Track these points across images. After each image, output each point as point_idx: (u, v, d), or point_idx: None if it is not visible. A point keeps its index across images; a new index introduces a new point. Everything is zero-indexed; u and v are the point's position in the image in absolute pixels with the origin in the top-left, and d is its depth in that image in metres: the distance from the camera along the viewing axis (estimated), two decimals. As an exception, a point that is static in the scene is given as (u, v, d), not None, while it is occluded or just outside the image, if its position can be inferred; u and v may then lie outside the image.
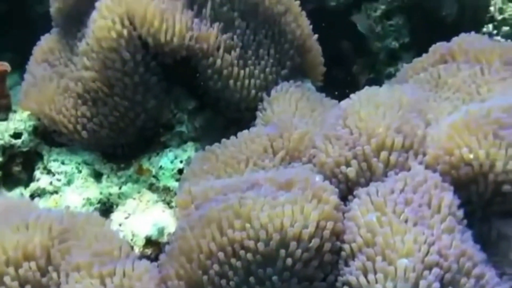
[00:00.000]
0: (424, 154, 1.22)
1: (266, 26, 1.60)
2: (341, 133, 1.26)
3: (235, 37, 1.57)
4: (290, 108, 1.50)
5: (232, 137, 1.44)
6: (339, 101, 2.08)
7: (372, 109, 1.28)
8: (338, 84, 2.17)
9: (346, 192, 1.24)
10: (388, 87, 1.40)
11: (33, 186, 1.58)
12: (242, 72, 1.55)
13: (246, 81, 1.55)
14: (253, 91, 1.56)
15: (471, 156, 1.14)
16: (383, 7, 2.04)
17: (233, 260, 1.11)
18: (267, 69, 1.59)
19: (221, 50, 1.53)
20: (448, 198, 1.10)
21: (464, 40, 1.52)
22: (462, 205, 1.13)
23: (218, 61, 1.53)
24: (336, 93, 1.91)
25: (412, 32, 2.02)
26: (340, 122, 1.29)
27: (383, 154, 1.20)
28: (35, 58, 1.71)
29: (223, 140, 1.44)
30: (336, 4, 2.05)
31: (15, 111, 1.66)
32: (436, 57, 1.54)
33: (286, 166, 1.35)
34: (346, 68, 2.14)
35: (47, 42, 1.71)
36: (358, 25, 2.00)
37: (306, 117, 1.47)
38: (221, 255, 1.12)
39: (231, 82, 1.54)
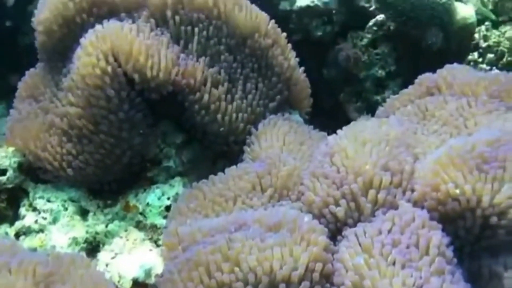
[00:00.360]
0: (413, 191, 1.22)
1: (253, 59, 1.60)
2: (328, 171, 1.25)
3: (222, 71, 1.57)
4: (278, 142, 1.50)
5: (220, 174, 1.43)
6: (327, 130, 2.10)
7: (359, 146, 1.28)
8: (325, 113, 2.18)
9: (335, 231, 1.23)
10: (375, 121, 1.40)
11: (18, 224, 1.55)
12: (229, 106, 1.55)
13: (234, 115, 1.55)
14: (241, 125, 1.55)
15: (457, 191, 1.14)
16: (369, 36, 2.05)
17: (222, 303, 1.10)
18: (255, 103, 1.58)
19: (208, 85, 1.53)
20: (436, 237, 1.09)
21: (450, 72, 1.53)
22: (451, 241, 1.13)
23: (205, 96, 1.52)
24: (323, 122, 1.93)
25: (398, 60, 2.03)
26: (327, 159, 1.28)
27: (371, 193, 1.19)
28: (20, 94, 1.69)
29: (211, 176, 1.43)
30: (322, 34, 2.05)
31: (0, 146, 1.64)
32: (422, 89, 1.55)
33: (274, 204, 1.34)
34: (333, 96, 2.14)
35: (32, 77, 1.69)
36: (339, 59, 2.01)
37: (294, 152, 1.46)
38: (210, 298, 1.10)
39: (219, 116, 1.53)
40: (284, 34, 1.67)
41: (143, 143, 1.57)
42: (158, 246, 1.48)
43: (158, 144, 1.60)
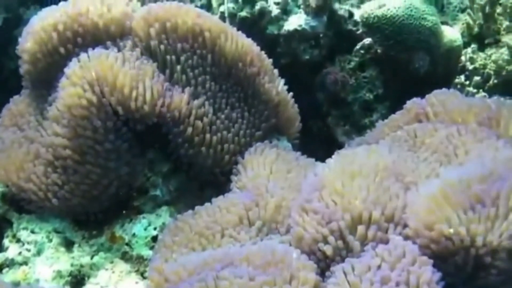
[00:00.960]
0: (404, 225, 1.19)
1: (239, 88, 1.59)
2: (317, 206, 1.22)
3: (206, 102, 1.56)
4: (265, 171, 1.48)
5: (207, 205, 1.41)
6: (316, 153, 2.09)
7: (348, 180, 1.25)
8: (314, 136, 2.17)
9: (325, 267, 1.20)
10: (364, 150, 1.37)
11: (1, 256, 1.52)
12: (214, 137, 1.53)
13: (219, 147, 1.53)
14: (226, 156, 1.54)
15: (451, 231, 1.12)
16: (356, 59, 2.05)
17: None
18: (241, 132, 1.57)
19: (192, 117, 1.51)
20: (427, 274, 1.07)
21: (438, 98, 1.52)
22: (442, 278, 1.11)
23: (189, 129, 1.51)
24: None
25: (385, 83, 2.03)
26: (316, 194, 1.25)
27: (360, 229, 1.17)
28: (4, 122, 1.67)
29: (197, 208, 1.41)
30: (309, 57, 2.05)
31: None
32: (411, 116, 1.54)
33: (263, 238, 1.32)
34: (322, 119, 2.13)
35: (16, 105, 1.67)
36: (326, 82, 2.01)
37: (282, 180, 1.44)
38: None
39: (203, 149, 1.52)
40: (270, 60, 1.67)
41: (130, 173, 1.55)
42: (144, 278, 1.46)
43: (145, 173, 1.58)
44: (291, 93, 1.71)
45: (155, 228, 1.52)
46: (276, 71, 1.69)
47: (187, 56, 1.55)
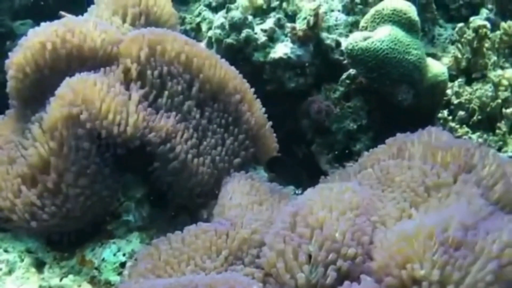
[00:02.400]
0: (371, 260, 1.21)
1: (221, 114, 1.63)
2: (293, 235, 1.23)
3: (189, 127, 1.59)
4: (239, 202, 1.49)
5: (177, 232, 1.41)
6: (300, 179, 2.09)
7: (327, 213, 1.26)
8: (299, 162, 2.18)
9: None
10: (339, 187, 1.38)
11: (-28, 274, 1.54)
12: (195, 161, 1.56)
13: (200, 170, 1.57)
14: (205, 179, 1.57)
15: (422, 273, 1.11)
16: (342, 88, 2.06)
17: None
18: (219, 158, 1.60)
19: (174, 141, 1.54)
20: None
21: (420, 137, 1.50)
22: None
23: (171, 153, 1.54)
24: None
25: (369, 114, 2.04)
26: (293, 223, 1.27)
27: (335, 262, 1.19)
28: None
29: (169, 235, 1.41)
30: (295, 85, 2.06)
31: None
32: (393, 151, 1.53)
33: (227, 268, 1.33)
34: (306, 146, 2.14)
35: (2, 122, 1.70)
36: (311, 111, 2.02)
37: (254, 212, 1.45)
38: None
39: (183, 173, 1.55)
40: (253, 89, 1.68)
41: (108, 197, 1.57)
42: (114, 301, 1.47)
43: (118, 197, 1.60)
44: (270, 123, 1.72)
45: (124, 254, 1.53)
46: (258, 100, 1.70)
47: (173, 81, 1.59)
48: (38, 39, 1.58)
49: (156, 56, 1.60)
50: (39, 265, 1.56)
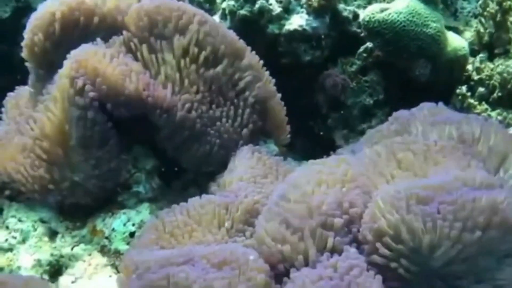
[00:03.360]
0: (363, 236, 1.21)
1: (227, 89, 1.60)
2: (281, 211, 1.24)
3: (194, 99, 1.57)
4: (245, 175, 1.48)
5: (182, 204, 1.43)
6: (315, 155, 2.08)
7: (315, 187, 1.26)
8: (314, 137, 2.16)
9: (285, 272, 1.22)
10: (335, 160, 1.38)
11: (-11, 242, 1.59)
12: (200, 132, 1.55)
13: (204, 147, 1.56)
14: (210, 156, 1.56)
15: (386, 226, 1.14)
16: (359, 62, 2.02)
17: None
18: (227, 131, 1.58)
19: (177, 112, 1.53)
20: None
21: (424, 112, 1.49)
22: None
23: (174, 124, 1.53)
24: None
25: (386, 89, 2.00)
26: (282, 200, 1.27)
27: (320, 235, 1.19)
28: (5, 112, 1.73)
29: (173, 206, 1.43)
30: (310, 58, 2.03)
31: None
32: (396, 127, 1.52)
33: (228, 241, 1.34)
34: (322, 121, 2.12)
35: (15, 97, 1.73)
36: (326, 85, 1.99)
37: (259, 186, 1.45)
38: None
39: (189, 144, 1.55)
40: (262, 62, 1.66)
41: (116, 169, 1.59)
42: (119, 272, 1.49)
43: (128, 169, 1.62)
44: (279, 95, 1.69)
45: (133, 224, 1.55)
46: (267, 72, 1.68)
47: (177, 52, 1.57)
48: (47, 9, 1.60)
49: (160, 27, 1.58)
50: (52, 235, 1.59)
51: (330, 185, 1.27)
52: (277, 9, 1.99)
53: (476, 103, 1.90)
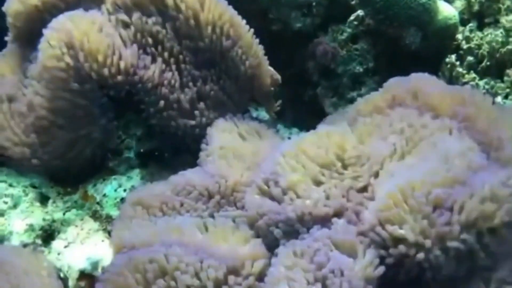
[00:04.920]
0: (355, 212, 1.20)
1: (212, 61, 1.58)
2: (273, 189, 1.24)
3: (179, 74, 1.56)
4: (231, 145, 1.49)
5: (171, 177, 1.43)
6: (305, 122, 2.09)
7: (306, 161, 1.26)
8: (304, 104, 2.17)
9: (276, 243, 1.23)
10: (326, 131, 1.38)
11: (-20, 207, 1.60)
12: (185, 110, 1.55)
13: (190, 121, 1.56)
14: (196, 130, 1.57)
15: (403, 232, 1.13)
16: (349, 30, 2.01)
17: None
18: (212, 106, 1.59)
19: (163, 89, 1.53)
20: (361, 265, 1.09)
21: (416, 83, 1.47)
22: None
23: (161, 102, 1.53)
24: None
25: (376, 57, 2.00)
26: (273, 173, 1.26)
27: (312, 211, 1.19)
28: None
29: (157, 185, 1.44)
30: (301, 25, 2.02)
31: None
32: (387, 97, 1.49)
33: (219, 210, 1.36)
34: (312, 88, 2.12)
35: (1, 61, 1.71)
36: (316, 53, 1.99)
37: (245, 156, 1.46)
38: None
39: (173, 123, 1.55)
40: (252, 30, 1.63)
41: (105, 136, 1.60)
42: (111, 236, 1.51)
43: (119, 135, 1.63)
44: (266, 60, 1.67)
45: (124, 190, 1.58)
46: (257, 40, 1.67)
47: (164, 24, 1.55)
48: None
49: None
50: (43, 200, 1.61)
51: (323, 157, 1.27)
52: (268, -25, 1.97)
53: (464, 72, 1.91)
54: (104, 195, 1.57)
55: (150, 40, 1.55)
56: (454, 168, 1.19)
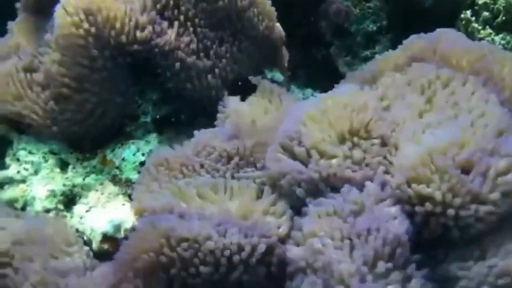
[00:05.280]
0: (384, 172, 1.20)
1: (228, 22, 1.59)
2: (296, 149, 1.23)
3: (195, 37, 1.56)
4: (249, 106, 1.50)
5: (191, 139, 1.44)
6: (318, 82, 2.08)
7: (330, 119, 1.25)
8: (318, 64, 2.16)
9: (300, 203, 1.22)
10: (349, 90, 1.36)
11: (2, 174, 1.62)
12: (202, 73, 1.55)
13: (205, 82, 1.55)
14: (213, 92, 1.57)
15: (428, 192, 1.13)
16: (362, -12, 1.99)
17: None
18: (228, 68, 1.58)
19: (180, 52, 1.52)
20: (395, 228, 1.09)
21: (438, 39, 1.43)
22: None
23: (177, 64, 1.53)
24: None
25: (389, 15, 1.98)
26: (295, 132, 1.25)
27: (337, 171, 1.18)
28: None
29: (177, 147, 1.45)
30: (314, -16, 2.00)
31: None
32: (407, 55, 1.47)
33: (239, 170, 1.37)
34: (325, 48, 2.11)
35: (14, 31, 1.70)
36: (330, 12, 1.96)
37: (262, 117, 1.46)
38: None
39: (188, 85, 1.55)
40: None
41: (123, 101, 1.60)
42: (131, 200, 1.53)
43: (136, 99, 1.63)
44: (278, 24, 1.66)
45: (143, 154, 1.59)
46: (269, 2, 1.65)
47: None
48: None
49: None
50: (63, 166, 1.63)
51: (345, 126, 1.23)
52: None
53: (480, 27, 1.89)
54: (123, 160, 1.58)
55: (166, 4, 1.54)
56: (481, 129, 1.19)
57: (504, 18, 1.87)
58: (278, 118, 1.45)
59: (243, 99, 1.51)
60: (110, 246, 1.45)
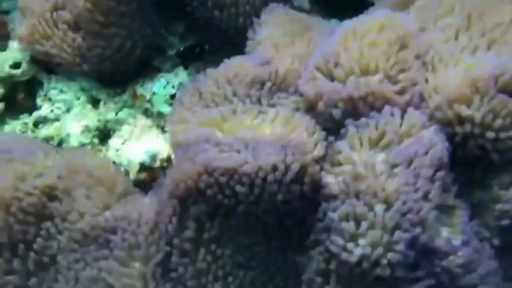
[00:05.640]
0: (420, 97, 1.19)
1: None
2: (334, 70, 1.20)
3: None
4: (278, 33, 1.48)
5: (220, 67, 1.44)
6: (344, 13, 2.04)
7: (365, 46, 1.21)
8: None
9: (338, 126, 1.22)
10: (388, 14, 1.30)
11: (35, 114, 1.64)
12: (228, 4, 1.54)
13: (233, 10, 1.54)
14: (240, 19, 1.55)
15: (469, 113, 1.13)
16: None
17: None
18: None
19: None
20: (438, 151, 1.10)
21: None
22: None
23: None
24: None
25: None
26: (331, 56, 1.23)
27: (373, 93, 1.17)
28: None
29: (210, 69, 1.45)
30: None
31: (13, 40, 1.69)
32: None
33: (272, 96, 1.37)
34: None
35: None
36: None
37: (295, 44, 1.44)
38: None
39: (216, 12, 1.54)
40: None
41: (152, 34, 1.60)
42: (164, 132, 1.56)
43: (161, 32, 1.63)
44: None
45: (173, 87, 1.60)
46: None
47: None
48: None
49: None
50: (94, 102, 1.65)
51: (383, 42, 1.20)
52: None
53: None
54: (154, 93, 1.60)
55: None
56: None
57: None
58: (309, 46, 1.45)
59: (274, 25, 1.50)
60: (147, 176, 1.49)
